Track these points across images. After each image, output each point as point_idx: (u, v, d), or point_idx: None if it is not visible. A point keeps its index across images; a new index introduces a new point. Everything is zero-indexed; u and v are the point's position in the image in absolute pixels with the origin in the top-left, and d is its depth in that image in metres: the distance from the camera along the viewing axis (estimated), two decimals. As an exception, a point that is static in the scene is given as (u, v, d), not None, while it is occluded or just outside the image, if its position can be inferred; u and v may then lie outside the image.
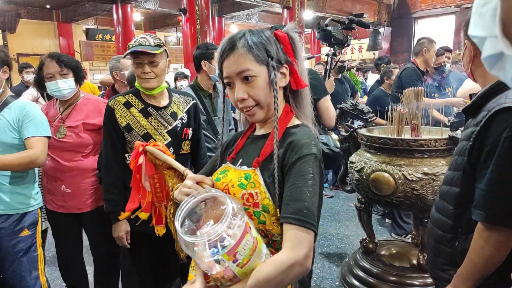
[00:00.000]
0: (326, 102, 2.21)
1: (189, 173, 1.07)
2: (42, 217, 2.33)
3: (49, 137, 1.91)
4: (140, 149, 1.20)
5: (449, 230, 1.23)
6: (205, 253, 0.78)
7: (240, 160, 1.02)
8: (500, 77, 0.42)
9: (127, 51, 1.71)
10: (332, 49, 2.54)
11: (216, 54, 0.99)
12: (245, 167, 0.98)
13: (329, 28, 2.43)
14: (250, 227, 0.82)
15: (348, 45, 2.59)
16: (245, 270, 0.80)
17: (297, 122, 1.03)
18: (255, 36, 0.95)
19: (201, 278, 0.85)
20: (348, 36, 2.53)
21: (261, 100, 0.96)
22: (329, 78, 2.65)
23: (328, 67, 2.67)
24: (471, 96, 1.43)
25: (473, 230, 1.14)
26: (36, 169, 2.00)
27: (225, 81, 0.98)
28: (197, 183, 0.98)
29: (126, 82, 2.70)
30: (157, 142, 1.27)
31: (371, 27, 11.32)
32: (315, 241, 0.89)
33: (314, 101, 1.10)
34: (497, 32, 0.38)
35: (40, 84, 2.11)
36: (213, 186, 0.98)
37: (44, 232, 2.42)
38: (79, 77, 2.13)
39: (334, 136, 2.07)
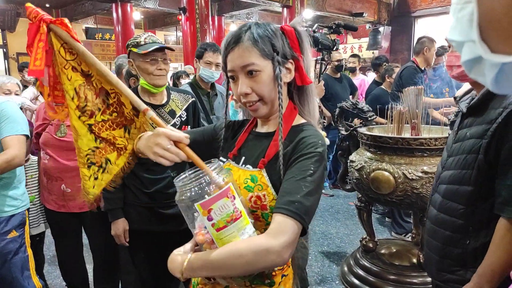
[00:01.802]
0: None
1: (152, 114, 0.93)
2: (41, 219, 2.33)
3: (27, 136, 1.87)
4: (44, 28, 0.89)
5: (458, 230, 1.21)
6: (196, 214, 0.83)
7: (243, 158, 1.00)
8: (479, 80, 0.42)
9: (150, 47, 1.69)
10: (320, 54, 2.58)
11: (221, 47, 0.97)
12: (249, 167, 0.96)
13: (316, 34, 2.48)
14: (234, 196, 0.83)
15: (337, 49, 2.65)
16: (221, 237, 0.81)
17: (302, 120, 1.01)
18: (261, 29, 0.93)
19: (194, 241, 0.89)
20: (336, 40, 2.58)
21: (264, 96, 0.94)
22: (319, 82, 2.67)
23: (317, 72, 2.70)
24: (455, 98, 1.42)
25: (485, 227, 1.13)
26: (23, 169, 1.98)
27: (228, 74, 0.96)
28: (173, 141, 0.88)
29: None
30: (64, 20, 0.92)
31: (371, 26, 11.33)
32: (302, 235, 0.88)
33: None
34: (474, 37, 0.38)
35: None
36: (189, 146, 0.91)
37: (42, 234, 2.41)
38: None
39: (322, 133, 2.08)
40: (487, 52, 0.37)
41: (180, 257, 0.85)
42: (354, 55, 6.41)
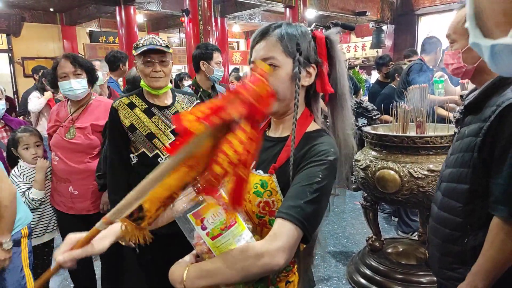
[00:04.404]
0: None
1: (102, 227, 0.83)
2: (51, 227, 2.32)
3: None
4: None
5: (458, 228, 1.21)
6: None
7: (254, 162, 0.98)
8: (488, 65, 0.46)
9: (141, 49, 1.72)
10: None
11: (251, 39, 0.98)
12: (260, 172, 0.95)
13: None
14: (226, 203, 0.83)
15: None
16: (217, 245, 0.81)
17: (316, 127, 0.99)
18: (291, 28, 0.94)
19: (194, 252, 0.90)
20: None
21: (278, 92, 0.92)
22: None
23: None
24: (461, 96, 1.43)
25: (483, 226, 1.13)
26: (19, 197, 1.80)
27: (250, 66, 0.97)
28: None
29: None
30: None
31: (374, 24, 11.29)
32: (306, 243, 0.86)
33: None
34: (468, 24, 0.43)
35: (53, 83, 2.13)
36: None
37: (51, 243, 2.39)
38: (92, 79, 2.14)
39: None
40: (479, 37, 0.42)
41: (180, 269, 0.86)
42: None
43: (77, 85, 2.05)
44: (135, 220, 0.75)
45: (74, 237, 0.85)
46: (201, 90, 2.60)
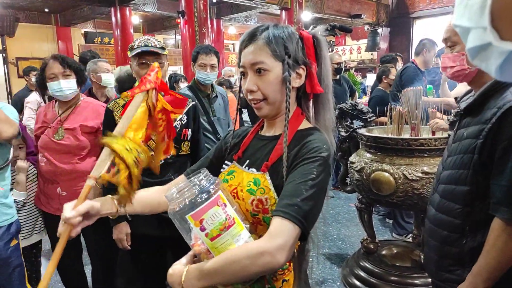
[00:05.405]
0: None
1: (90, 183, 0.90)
2: (37, 228, 2.29)
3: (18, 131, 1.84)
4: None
5: (456, 229, 1.21)
6: (191, 225, 0.83)
7: (247, 161, 1.00)
8: (482, 67, 0.43)
9: (136, 51, 1.71)
10: None
11: (239, 43, 0.98)
12: (253, 170, 0.96)
13: None
14: (224, 204, 0.83)
15: (332, 50, 2.67)
16: (216, 246, 0.81)
17: (308, 125, 1.00)
18: (278, 30, 0.93)
19: (191, 253, 0.89)
20: (331, 42, 2.60)
21: (269, 95, 0.93)
22: None
23: None
24: (456, 98, 1.43)
25: (482, 228, 1.13)
26: (9, 177, 1.92)
27: (240, 70, 0.97)
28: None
29: (101, 84, 2.89)
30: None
31: (369, 27, 11.35)
32: (303, 240, 0.87)
33: None
34: (485, 24, 0.38)
35: (42, 84, 2.11)
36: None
37: (38, 244, 2.38)
38: (81, 80, 2.13)
39: None
40: (497, 39, 0.38)
41: (178, 270, 0.85)
42: None
43: (66, 85, 2.03)
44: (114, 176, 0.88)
45: (70, 203, 0.91)
46: (199, 91, 2.59)
